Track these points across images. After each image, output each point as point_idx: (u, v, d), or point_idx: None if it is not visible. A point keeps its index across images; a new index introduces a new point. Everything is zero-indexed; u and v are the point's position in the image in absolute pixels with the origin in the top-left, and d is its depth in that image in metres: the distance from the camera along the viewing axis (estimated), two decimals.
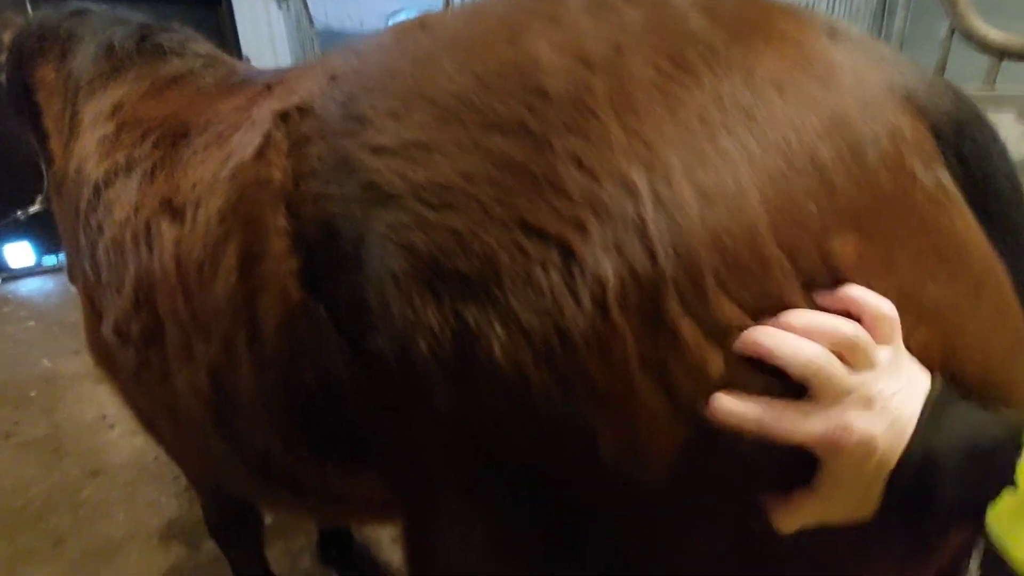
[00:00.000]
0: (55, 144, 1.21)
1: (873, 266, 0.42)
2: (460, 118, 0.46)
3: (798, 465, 0.42)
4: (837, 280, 0.42)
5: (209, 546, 1.75)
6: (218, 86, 0.93)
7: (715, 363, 0.40)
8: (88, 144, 1.02)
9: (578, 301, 0.41)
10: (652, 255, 0.40)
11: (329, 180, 0.51)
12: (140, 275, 0.76)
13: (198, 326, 0.66)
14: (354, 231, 0.48)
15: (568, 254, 0.41)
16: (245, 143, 0.64)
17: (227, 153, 0.66)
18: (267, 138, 0.60)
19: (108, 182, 0.90)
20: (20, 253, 3.73)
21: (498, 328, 0.42)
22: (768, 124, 0.43)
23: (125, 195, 0.84)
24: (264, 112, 0.64)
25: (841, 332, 0.39)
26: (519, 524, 0.49)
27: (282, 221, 0.55)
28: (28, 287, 3.43)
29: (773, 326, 0.40)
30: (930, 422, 0.38)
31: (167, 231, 0.71)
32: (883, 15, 1.78)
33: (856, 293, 0.40)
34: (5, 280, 3.75)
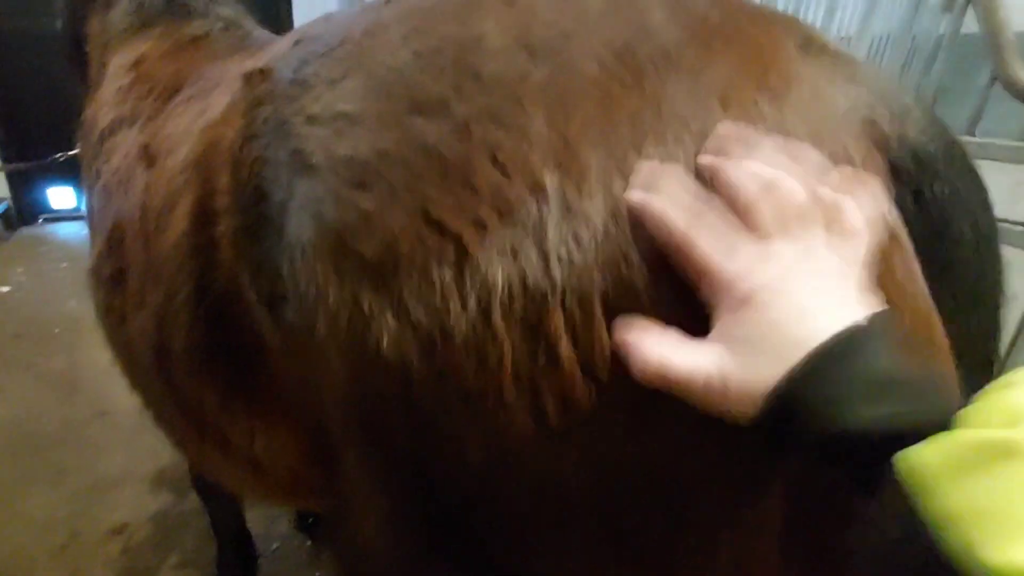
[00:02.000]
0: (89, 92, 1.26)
1: None
2: (390, 92, 0.44)
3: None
4: None
5: (195, 496, 1.79)
6: (228, 48, 0.94)
7: (583, 393, 0.38)
8: (107, 94, 1.05)
9: (464, 303, 0.39)
10: (545, 266, 0.38)
11: (268, 144, 0.50)
12: (117, 219, 0.77)
13: (151, 273, 0.67)
14: (280, 196, 0.48)
15: (463, 253, 0.39)
16: (219, 101, 0.64)
17: (203, 107, 0.67)
18: (233, 97, 0.60)
19: (112, 131, 0.92)
20: (63, 196, 3.86)
21: (389, 319, 0.41)
22: (701, 138, 0.40)
23: (122, 145, 0.86)
24: (238, 72, 0.64)
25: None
26: (406, 503, 0.48)
27: (226, 179, 0.55)
28: (66, 230, 3.56)
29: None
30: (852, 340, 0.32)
31: (140, 177, 0.72)
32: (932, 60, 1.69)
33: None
34: (46, 221, 3.89)
